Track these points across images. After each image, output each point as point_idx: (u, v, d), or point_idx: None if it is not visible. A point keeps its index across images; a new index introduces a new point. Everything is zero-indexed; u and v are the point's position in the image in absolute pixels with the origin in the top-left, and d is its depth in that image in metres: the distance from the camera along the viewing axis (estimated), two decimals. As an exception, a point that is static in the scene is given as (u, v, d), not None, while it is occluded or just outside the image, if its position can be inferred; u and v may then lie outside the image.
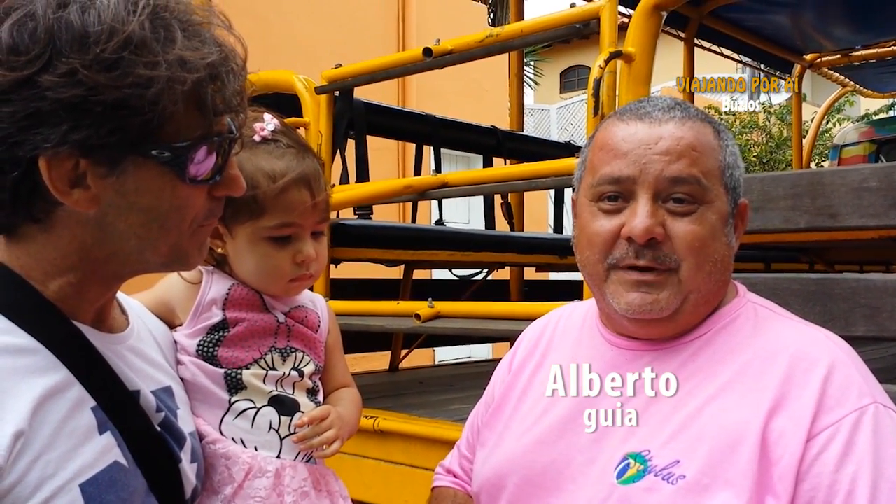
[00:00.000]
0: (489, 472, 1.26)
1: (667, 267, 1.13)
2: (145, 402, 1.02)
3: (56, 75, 0.82)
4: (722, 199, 1.16)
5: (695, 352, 1.16)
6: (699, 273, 1.13)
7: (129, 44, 0.84)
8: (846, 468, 1.00)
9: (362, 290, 3.57)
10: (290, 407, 1.26)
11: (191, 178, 0.92)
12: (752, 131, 13.46)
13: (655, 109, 1.18)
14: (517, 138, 4.38)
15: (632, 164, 1.14)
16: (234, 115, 0.96)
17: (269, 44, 7.16)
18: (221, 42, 0.93)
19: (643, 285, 1.13)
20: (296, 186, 1.24)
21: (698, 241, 1.12)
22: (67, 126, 0.83)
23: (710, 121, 1.20)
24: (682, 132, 1.15)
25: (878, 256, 3.89)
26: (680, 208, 1.13)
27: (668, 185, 1.12)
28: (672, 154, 1.13)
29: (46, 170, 0.85)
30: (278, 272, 1.26)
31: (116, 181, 0.88)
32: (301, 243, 1.26)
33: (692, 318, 1.17)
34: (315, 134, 2.78)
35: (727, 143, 1.20)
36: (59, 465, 0.86)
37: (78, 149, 0.85)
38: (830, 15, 4.64)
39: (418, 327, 2.42)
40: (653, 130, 1.15)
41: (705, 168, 1.14)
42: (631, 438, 1.12)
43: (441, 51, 2.49)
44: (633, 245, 1.13)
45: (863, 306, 1.63)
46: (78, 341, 0.94)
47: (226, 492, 1.18)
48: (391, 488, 2.46)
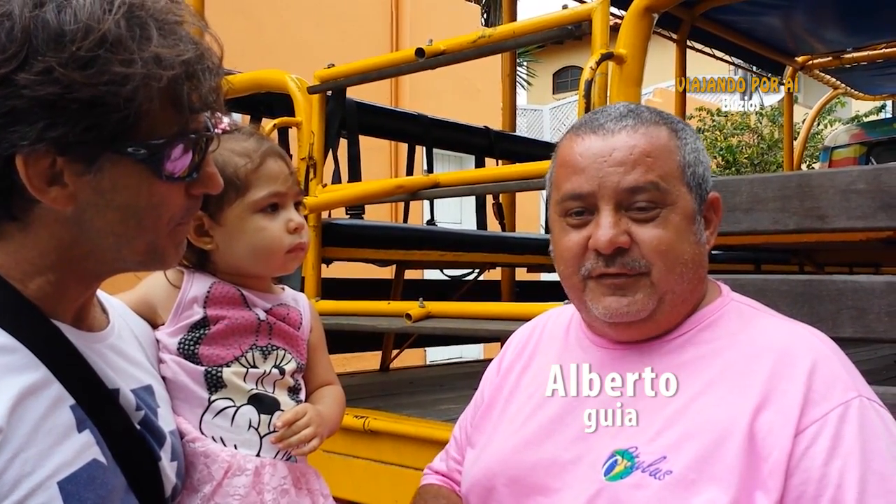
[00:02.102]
0: (478, 473, 1.27)
1: (637, 271, 1.14)
2: (125, 401, 1.02)
3: (32, 73, 0.82)
4: (685, 198, 1.17)
5: (679, 350, 1.18)
6: (670, 275, 1.14)
7: (105, 42, 0.84)
8: (834, 462, 1.02)
9: (353, 290, 3.56)
10: (269, 405, 1.27)
11: (167, 176, 0.92)
12: (744, 133, 13.51)
13: (608, 120, 1.19)
14: (509, 139, 4.39)
15: (591, 179, 1.16)
16: (210, 112, 0.96)
17: (262, 43, 7.16)
18: (197, 40, 0.94)
19: (617, 289, 1.15)
20: (271, 157, 1.29)
21: (664, 245, 1.14)
22: (44, 124, 0.83)
23: (666, 121, 1.21)
24: (635, 140, 1.16)
25: (867, 259, 3.91)
26: (642, 215, 1.14)
27: (627, 195, 1.14)
28: (627, 164, 1.14)
29: (23, 168, 0.85)
30: (275, 243, 1.28)
31: (93, 179, 0.88)
32: (288, 212, 1.30)
33: (671, 317, 1.19)
34: (307, 133, 2.79)
35: (686, 141, 1.20)
36: (37, 463, 0.86)
37: (54, 146, 0.85)
38: (822, 17, 4.66)
39: (409, 327, 2.42)
40: (606, 142, 1.17)
41: (662, 172, 1.15)
42: (618, 436, 1.13)
43: (433, 51, 2.49)
44: (602, 256, 1.15)
45: (850, 307, 1.64)
46: (57, 340, 0.94)
47: (205, 490, 1.18)
48: (381, 488, 2.46)
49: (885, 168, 1.69)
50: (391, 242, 3.26)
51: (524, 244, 3.89)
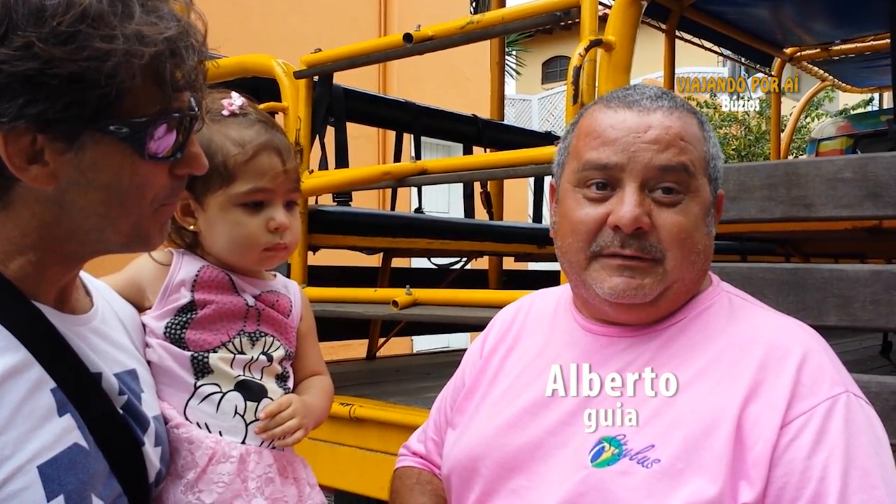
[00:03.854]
0: (460, 454, 1.26)
1: (652, 257, 1.13)
2: (107, 385, 1.01)
3: (11, 49, 0.81)
4: (705, 189, 1.17)
5: (669, 339, 1.18)
6: (684, 263, 1.14)
7: (86, 17, 0.83)
8: (818, 455, 1.02)
9: (340, 277, 3.56)
10: (256, 392, 1.26)
11: (150, 155, 0.91)
12: (732, 125, 13.55)
13: (644, 98, 1.18)
14: (498, 127, 4.38)
15: (620, 152, 1.14)
16: (194, 91, 0.95)
17: (248, 28, 7.11)
18: (180, 17, 0.93)
19: (627, 270, 1.13)
20: (265, 152, 1.24)
21: (684, 233, 1.13)
22: (23, 100, 0.82)
23: (694, 112, 1.21)
24: (671, 122, 1.15)
25: (853, 249, 3.94)
26: (667, 199, 1.13)
27: (656, 173, 1.13)
28: (661, 143, 1.13)
29: (3, 145, 0.84)
30: (251, 240, 1.26)
31: (75, 157, 0.88)
32: (273, 210, 1.26)
33: (672, 304, 1.19)
34: (294, 119, 2.76)
35: (710, 134, 1.22)
36: (17, 447, 0.85)
37: (34, 124, 0.84)
38: (810, 9, 4.67)
39: (396, 314, 2.41)
40: (642, 119, 1.15)
41: (692, 158, 1.15)
42: (605, 423, 1.13)
43: (421, 37, 2.48)
44: (619, 234, 1.13)
45: (835, 296, 1.66)
46: (38, 322, 0.92)
47: (189, 476, 1.17)
48: (366, 476, 2.46)
49: (871, 157, 1.70)
50: (378, 230, 3.25)
51: (512, 233, 3.89)
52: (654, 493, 1.04)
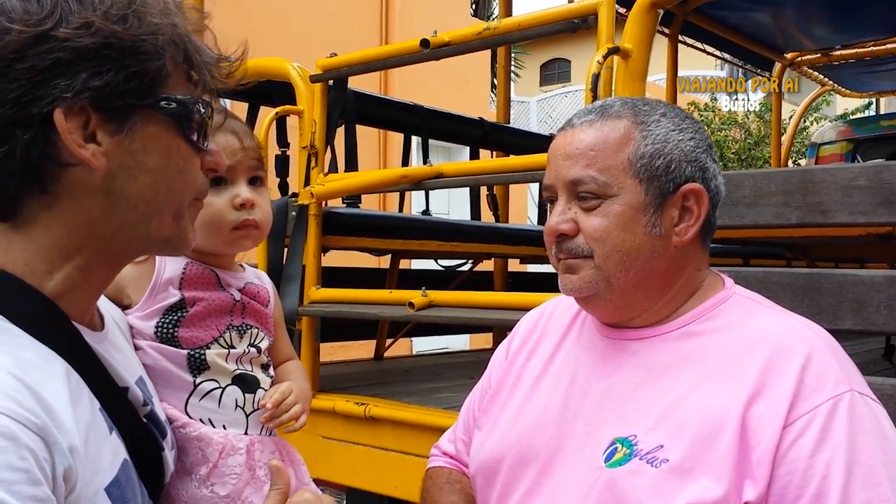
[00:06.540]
0: (485, 455, 1.31)
1: (582, 255, 1.21)
2: (133, 397, 1.01)
3: (72, 28, 0.84)
4: (633, 190, 1.19)
5: (680, 341, 1.21)
6: (609, 261, 1.20)
7: (133, 3, 0.88)
8: (821, 454, 1.04)
9: (349, 279, 3.58)
10: (251, 384, 1.29)
11: (190, 140, 0.94)
12: (731, 128, 13.58)
13: (578, 117, 1.27)
14: (504, 130, 4.40)
15: (552, 173, 1.26)
16: (209, 94, 0.98)
17: (250, 32, 7.10)
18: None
19: (567, 268, 1.24)
20: (220, 132, 1.26)
21: (599, 233, 1.20)
22: (87, 74, 0.85)
23: (633, 114, 1.24)
24: (586, 135, 1.23)
25: (854, 253, 3.97)
26: (585, 205, 1.22)
27: (571, 186, 1.22)
28: (573, 157, 1.22)
29: (63, 122, 0.85)
30: (219, 219, 1.28)
31: (125, 139, 0.89)
32: (236, 187, 1.30)
33: (637, 302, 1.23)
34: (309, 122, 2.79)
35: (650, 132, 1.22)
36: (94, 471, 0.85)
37: (93, 101, 0.86)
38: (811, 14, 4.70)
39: (411, 315, 2.44)
40: (567, 138, 1.25)
41: (603, 165, 1.20)
42: (619, 423, 1.16)
43: (438, 42, 2.50)
44: (555, 240, 1.24)
45: (850, 301, 1.68)
46: (80, 344, 0.92)
47: (200, 472, 1.19)
48: (381, 474, 2.48)
49: (886, 165, 1.73)
50: (390, 232, 3.27)
51: (518, 235, 3.92)
52: (663, 493, 1.07)
